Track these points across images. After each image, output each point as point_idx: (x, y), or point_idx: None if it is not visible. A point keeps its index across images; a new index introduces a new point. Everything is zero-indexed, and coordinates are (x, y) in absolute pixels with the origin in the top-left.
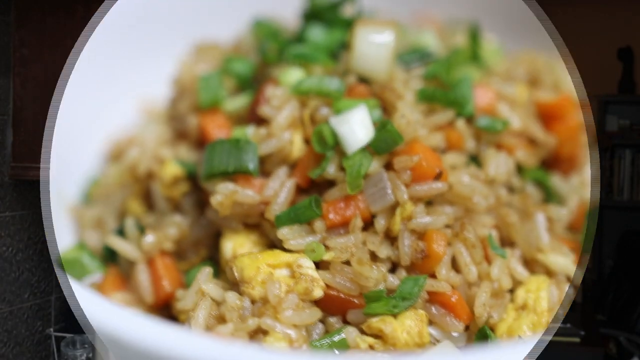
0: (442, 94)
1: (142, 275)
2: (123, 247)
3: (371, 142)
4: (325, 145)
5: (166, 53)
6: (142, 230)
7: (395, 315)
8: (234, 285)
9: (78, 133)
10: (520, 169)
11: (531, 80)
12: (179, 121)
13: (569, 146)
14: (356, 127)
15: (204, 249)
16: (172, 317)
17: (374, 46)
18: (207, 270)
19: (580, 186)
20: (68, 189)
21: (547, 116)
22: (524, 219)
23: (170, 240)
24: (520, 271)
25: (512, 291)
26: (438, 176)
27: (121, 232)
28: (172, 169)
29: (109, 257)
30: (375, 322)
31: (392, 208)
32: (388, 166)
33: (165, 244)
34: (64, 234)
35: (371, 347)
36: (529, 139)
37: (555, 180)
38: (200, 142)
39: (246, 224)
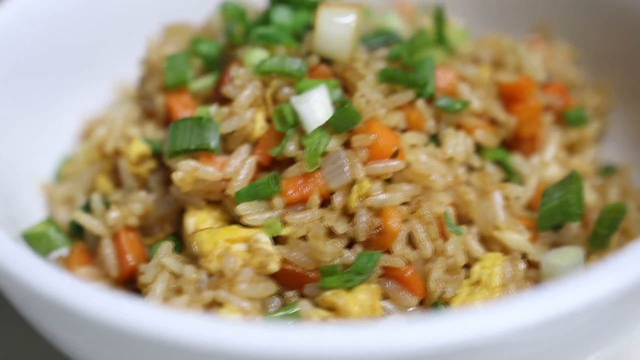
0: (402, 74)
1: (107, 250)
2: (89, 222)
3: (330, 121)
4: (286, 124)
5: (140, 34)
6: (108, 206)
7: (349, 289)
8: (195, 259)
9: (48, 114)
10: (480, 149)
11: (495, 62)
12: (147, 101)
13: (530, 126)
14: (315, 106)
15: (169, 225)
16: (137, 291)
17: (336, 27)
18: (167, 245)
19: (540, 166)
20: (40, 168)
21: (508, 97)
22: (482, 197)
23: (135, 215)
24: (476, 248)
25: (468, 267)
26: (395, 154)
27: (88, 208)
28: (138, 147)
29: (76, 232)
30: (328, 296)
31: (350, 185)
32: (347, 145)
33: (130, 220)
34: (35, 211)
35: (324, 320)
36: (489, 119)
37: (516, 160)
38: (167, 121)
39: (209, 200)
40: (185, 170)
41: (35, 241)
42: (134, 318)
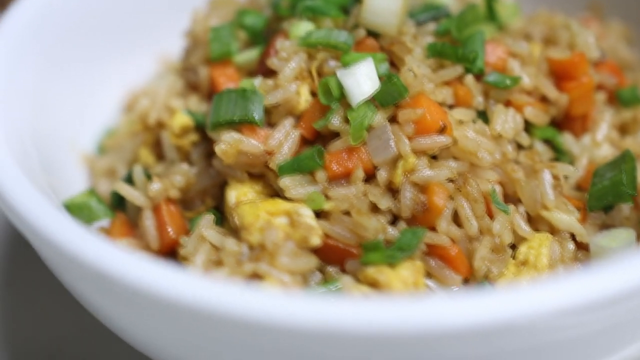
0: (451, 49)
1: (148, 222)
2: (130, 193)
3: (376, 95)
4: (331, 97)
5: (184, 6)
6: (150, 178)
7: (391, 266)
8: (236, 232)
9: (92, 86)
10: (530, 127)
11: (547, 38)
12: (191, 73)
13: (581, 105)
14: (361, 79)
15: (210, 198)
16: (177, 263)
17: (384, 0)
18: (208, 217)
19: (591, 146)
20: (83, 140)
21: (560, 74)
22: (530, 176)
23: (176, 188)
24: (524, 227)
25: (514, 247)
26: (442, 130)
27: (130, 180)
28: (181, 119)
29: (118, 204)
30: (371, 272)
31: (395, 160)
32: (393, 119)
33: (171, 192)
34: (76, 182)
35: (366, 295)
36: (540, 96)
37: (567, 139)
38: (211, 93)
39: (251, 173)
40: (228, 142)
41: (77, 211)
42: (174, 286)
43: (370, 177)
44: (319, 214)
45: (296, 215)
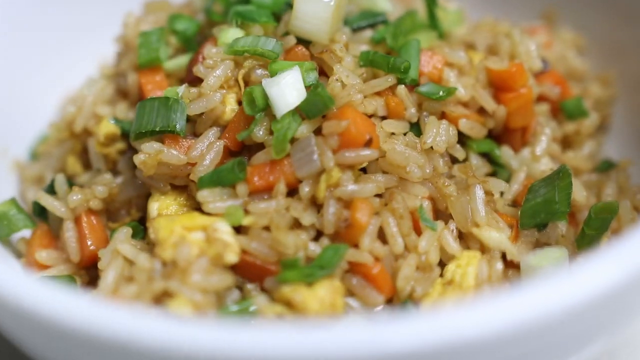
0: (382, 58)
1: (69, 233)
2: (51, 203)
3: (301, 105)
4: (255, 107)
5: (125, 8)
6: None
7: (309, 285)
8: (154, 246)
9: (30, 91)
10: (466, 139)
11: (490, 47)
12: (122, 79)
13: (520, 117)
14: (287, 89)
15: (136, 209)
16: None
17: (314, 6)
18: (125, 230)
19: (530, 160)
20: (14, 145)
21: (498, 85)
22: (463, 191)
23: (98, 198)
24: (452, 245)
25: (444, 265)
26: (368, 143)
27: (53, 189)
28: (107, 127)
29: (41, 213)
30: (286, 291)
31: (319, 174)
32: (319, 131)
33: (93, 203)
34: (6, 189)
35: (280, 317)
36: (477, 108)
37: (505, 152)
38: (139, 100)
39: (175, 185)
40: (148, 153)
41: None
42: (61, 312)
43: (294, 191)
44: (241, 229)
45: (212, 230)
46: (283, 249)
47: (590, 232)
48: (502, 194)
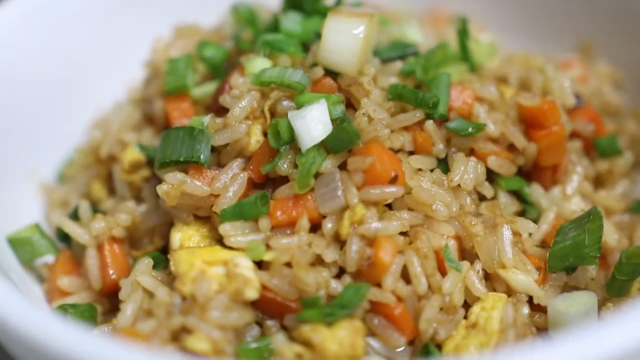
0: (410, 92)
1: (91, 261)
2: (74, 230)
3: (327, 140)
4: (280, 139)
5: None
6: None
7: (329, 325)
8: (174, 279)
9: (57, 114)
10: (495, 177)
11: (522, 81)
12: (148, 105)
13: (551, 155)
14: (312, 123)
15: (159, 237)
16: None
17: (343, 37)
18: (146, 261)
19: (560, 199)
20: (42, 167)
21: (530, 122)
22: (490, 231)
23: (121, 226)
24: (477, 286)
25: (469, 307)
26: (393, 180)
27: (77, 215)
28: (132, 155)
29: (64, 238)
30: (305, 330)
31: (343, 210)
32: (344, 166)
33: (115, 231)
34: (32, 212)
35: (299, 357)
36: (507, 145)
37: (535, 191)
38: (165, 127)
39: (198, 216)
40: (171, 183)
41: (20, 246)
42: (73, 349)
43: (317, 227)
44: (262, 264)
45: (233, 265)
46: (304, 287)
47: (621, 278)
48: (530, 234)
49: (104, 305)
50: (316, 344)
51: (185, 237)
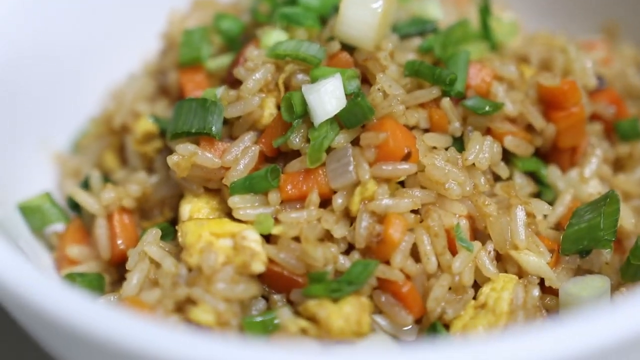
0: (427, 68)
1: (100, 230)
2: (84, 200)
3: (340, 114)
4: (293, 113)
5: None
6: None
7: (335, 300)
8: (182, 250)
9: (72, 84)
10: (512, 157)
11: (544, 61)
12: (163, 76)
13: (570, 137)
14: (325, 97)
15: (169, 209)
16: None
17: (361, 11)
18: (154, 232)
19: (578, 181)
20: (56, 137)
21: (549, 102)
22: (504, 211)
23: (131, 197)
24: (488, 267)
25: (479, 287)
26: (406, 157)
27: (88, 185)
28: (144, 125)
29: (75, 207)
30: (311, 305)
31: (354, 186)
32: (357, 142)
33: (125, 201)
34: (45, 181)
35: (304, 332)
36: (525, 125)
37: (552, 173)
38: (179, 99)
39: (208, 188)
40: (182, 154)
41: (30, 214)
42: (78, 317)
43: (327, 202)
44: (270, 238)
45: (240, 238)
46: (311, 262)
47: (636, 262)
48: (545, 216)
49: (112, 275)
50: (321, 319)
51: (195, 209)
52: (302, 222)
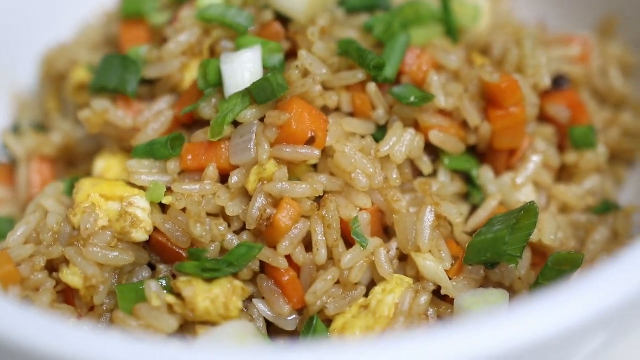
0: (356, 50)
1: (20, 175)
2: (11, 142)
3: (251, 89)
4: (207, 82)
5: None
6: (42, 129)
7: (210, 280)
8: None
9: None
10: (441, 153)
11: (504, 54)
12: (113, 27)
13: (507, 138)
14: (239, 68)
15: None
16: None
17: None
18: (56, 185)
19: (510, 186)
20: (20, 72)
21: (491, 99)
22: (417, 210)
23: (52, 146)
24: (384, 266)
25: (375, 285)
26: (310, 141)
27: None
28: (81, 74)
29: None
30: (180, 282)
31: (254, 165)
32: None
33: (45, 149)
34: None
35: (170, 307)
36: (462, 121)
37: (484, 174)
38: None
39: (124, 148)
40: (93, 110)
41: None
42: None
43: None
44: (166, 208)
45: (127, 204)
46: (197, 237)
47: (544, 283)
48: (467, 219)
49: None
50: (187, 297)
51: (107, 167)
52: (194, 194)
